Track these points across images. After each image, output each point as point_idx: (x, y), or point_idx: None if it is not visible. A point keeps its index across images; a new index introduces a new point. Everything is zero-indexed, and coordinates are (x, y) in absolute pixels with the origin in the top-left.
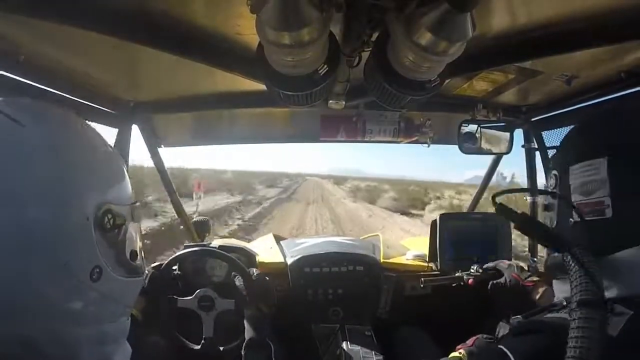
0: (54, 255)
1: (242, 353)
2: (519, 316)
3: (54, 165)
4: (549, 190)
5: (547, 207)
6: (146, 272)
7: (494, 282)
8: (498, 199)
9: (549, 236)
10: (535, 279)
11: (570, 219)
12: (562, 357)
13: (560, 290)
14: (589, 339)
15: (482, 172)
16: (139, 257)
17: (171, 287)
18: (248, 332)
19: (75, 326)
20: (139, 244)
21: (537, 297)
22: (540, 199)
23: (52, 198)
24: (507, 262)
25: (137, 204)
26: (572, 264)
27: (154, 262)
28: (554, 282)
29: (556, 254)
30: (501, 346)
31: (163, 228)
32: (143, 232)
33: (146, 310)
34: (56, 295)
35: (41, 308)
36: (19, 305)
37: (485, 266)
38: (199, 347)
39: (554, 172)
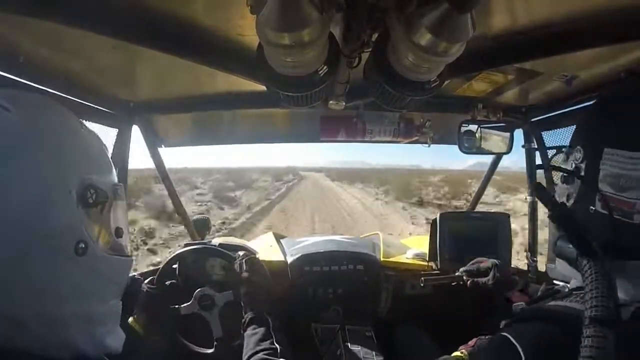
0: (38, 229)
1: (242, 332)
2: (522, 303)
3: (38, 145)
4: (572, 164)
5: (566, 180)
6: (142, 287)
7: (474, 279)
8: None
9: (580, 237)
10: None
11: (592, 207)
12: (569, 349)
13: (566, 268)
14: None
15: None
16: (124, 235)
17: (171, 296)
18: (246, 311)
19: (62, 304)
20: (125, 222)
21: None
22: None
23: (36, 173)
24: (488, 261)
25: (120, 185)
26: (588, 271)
27: (145, 278)
28: (558, 260)
29: (570, 247)
30: (505, 333)
31: None
32: None
33: (151, 326)
34: (42, 270)
35: (27, 285)
36: (3, 283)
37: (466, 268)
38: (212, 350)
39: (582, 144)
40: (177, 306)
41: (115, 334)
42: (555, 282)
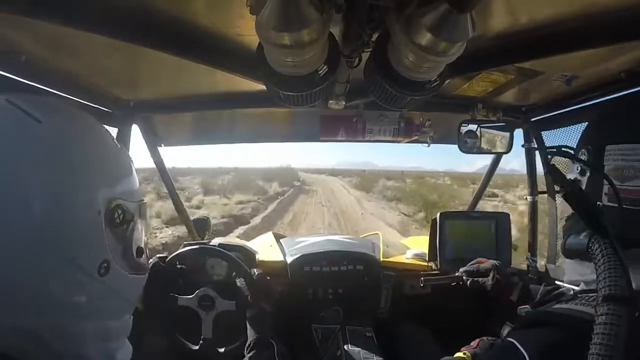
0: (64, 249)
1: (245, 353)
2: (527, 306)
3: (68, 160)
4: (578, 167)
5: (573, 183)
6: (150, 260)
7: (474, 279)
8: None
9: (591, 216)
10: (515, 280)
11: (599, 203)
12: (576, 353)
13: (575, 270)
14: (614, 337)
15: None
16: (144, 254)
17: (172, 283)
18: (251, 332)
19: (80, 321)
20: (144, 241)
21: (514, 297)
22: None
23: (65, 192)
24: (488, 261)
25: (144, 201)
26: (600, 254)
27: (160, 254)
28: (568, 261)
29: (581, 237)
30: (511, 339)
31: None
32: None
33: (146, 306)
34: (63, 288)
35: (47, 301)
36: (24, 298)
37: (466, 269)
38: (197, 347)
39: (588, 146)
40: (175, 295)
41: (125, 347)
42: (556, 282)
